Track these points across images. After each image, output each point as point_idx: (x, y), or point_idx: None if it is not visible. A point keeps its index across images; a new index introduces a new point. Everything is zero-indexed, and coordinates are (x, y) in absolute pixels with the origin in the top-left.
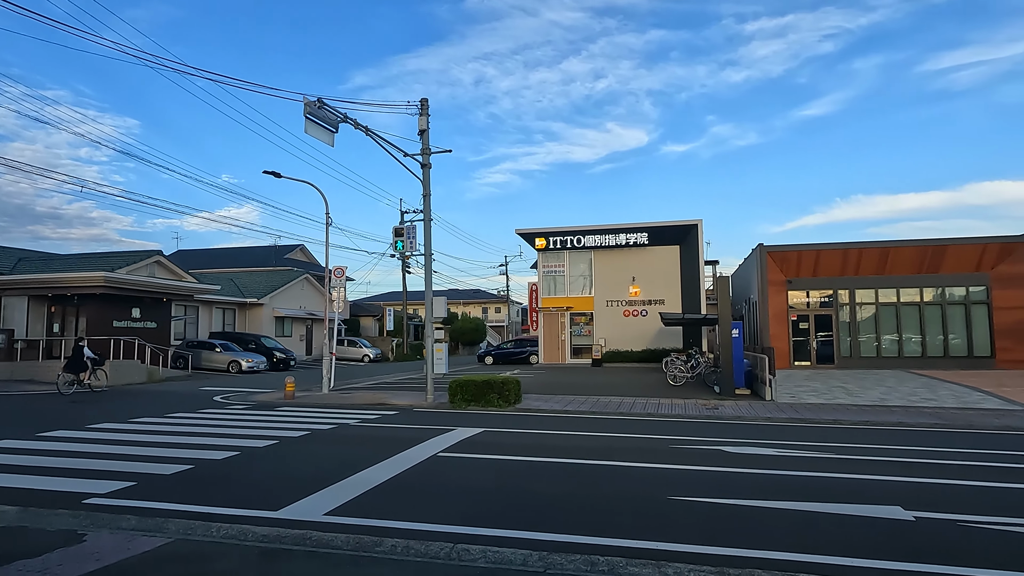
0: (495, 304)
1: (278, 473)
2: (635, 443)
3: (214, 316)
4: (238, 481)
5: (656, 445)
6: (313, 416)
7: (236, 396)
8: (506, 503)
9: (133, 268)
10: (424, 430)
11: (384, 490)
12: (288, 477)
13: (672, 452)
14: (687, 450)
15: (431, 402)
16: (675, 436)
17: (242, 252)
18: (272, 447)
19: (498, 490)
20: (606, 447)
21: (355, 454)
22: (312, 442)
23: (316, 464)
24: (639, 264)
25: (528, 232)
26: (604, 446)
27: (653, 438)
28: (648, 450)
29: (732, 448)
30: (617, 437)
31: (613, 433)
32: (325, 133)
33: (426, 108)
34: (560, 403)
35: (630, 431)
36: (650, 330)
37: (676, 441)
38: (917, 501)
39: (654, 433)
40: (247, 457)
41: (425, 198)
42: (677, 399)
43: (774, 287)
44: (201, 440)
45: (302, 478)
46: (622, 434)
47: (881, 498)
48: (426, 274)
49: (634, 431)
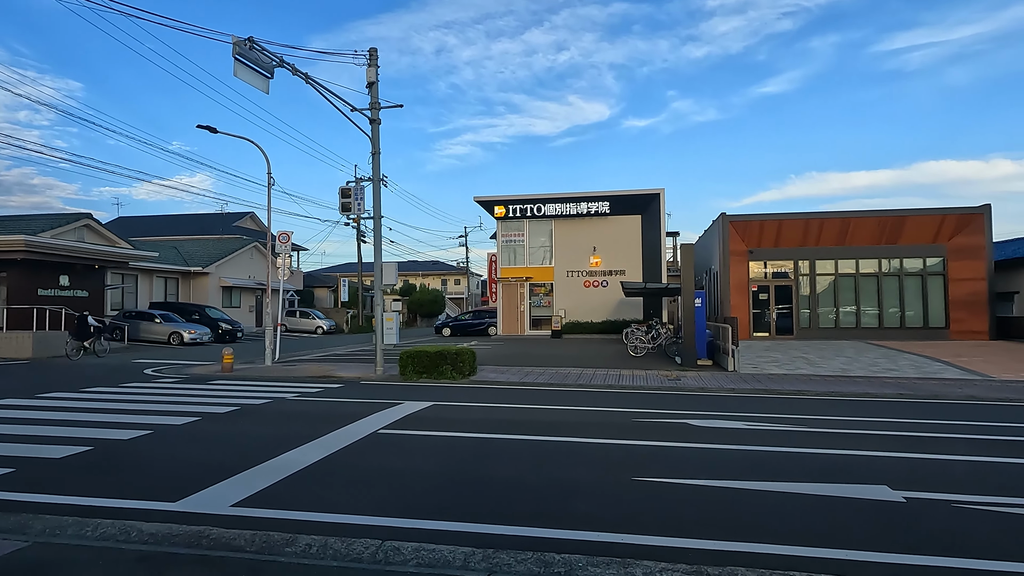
0: (455, 276)
1: (189, 456)
2: (595, 417)
3: (155, 286)
4: (139, 466)
5: (618, 419)
6: (248, 390)
7: (170, 369)
8: (450, 489)
9: (59, 232)
10: (368, 404)
11: (310, 475)
12: (199, 461)
13: (635, 427)
14: (651, 424)
15: (380, 374)
16: (637, 409)
17: (187, 220)
18: (192, 425)
19: (442, 473)
20: (564, 422)
21: (285, 432)
22: (239, 419)
23: (236, 444)
24: (600, 234)
25: (487, 200)
26: (562, 420)
27: (614, 411)
28: (610, 424)
29: (699, 421)
30: (576, 411)
31: (572, 406)
32: (258, 78)
33: (375, 59)
34: (517, 375)
35: (590, 404)
36: (611, 301)
37: (639, 415)
38: (903, 479)
39: (615, 406)
40: (159, 437)
41: (374, 156)
42: (638, 370)
43: (736, 257)
44: (113, 418)
45: (216, 462)
46: (581, 407)
47: (865, 476)
48: (375, 237)
49: (594, 404)
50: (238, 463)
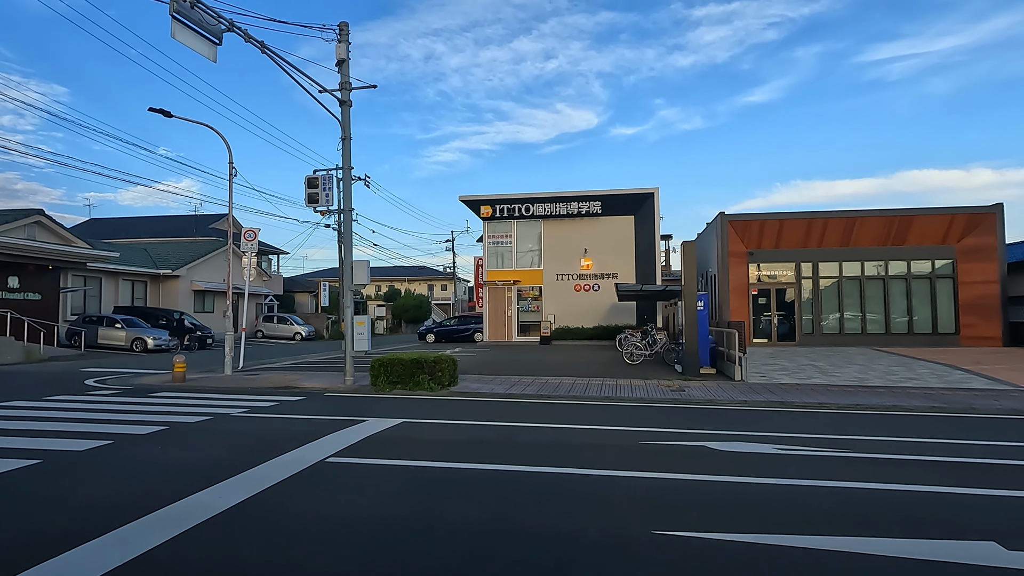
0: (441, 281)
1: (69, 497)
2: (594, 438)
3: (121, 289)
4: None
5: (621, 440)
6: (190, 404)
7: (116, 378)
8: (398, 552)
9: (5, 229)
10: (326, 422)
11: (216, 528)
12: (79, 505)
13: (644, 452)
14: (662, 448)
15: (349, 385)
16: (641, 427)
17: (161, 221)
18: (96, 451)
19: (391, 525)
20: (556, 444)
21: (209, 461)
22: (160, 442)
23: (139, 479)
24: (592, 235)
25: (473, 199)
26: (554, 442)
27: (615, 430)
28: (612, 448)
29: (718, 444)
30: (570, 430)
31: (565, 424)
32: (202, 43)
33: (346, 34)
34: (503, 385)
35: (586, 420)
36: (603, 305)
37: (645, 435)
38: (1010, 530)
39: (615, 423)
40: (43, 469)
41: (344, 141)
42: (636, 380)
43: (735, 259)
44: (4, 441)
45: (102, 506)
46: (576, 425)
47: (960, 526)
48: (344, 231)
49: (592, 420)
50: (129, 508)
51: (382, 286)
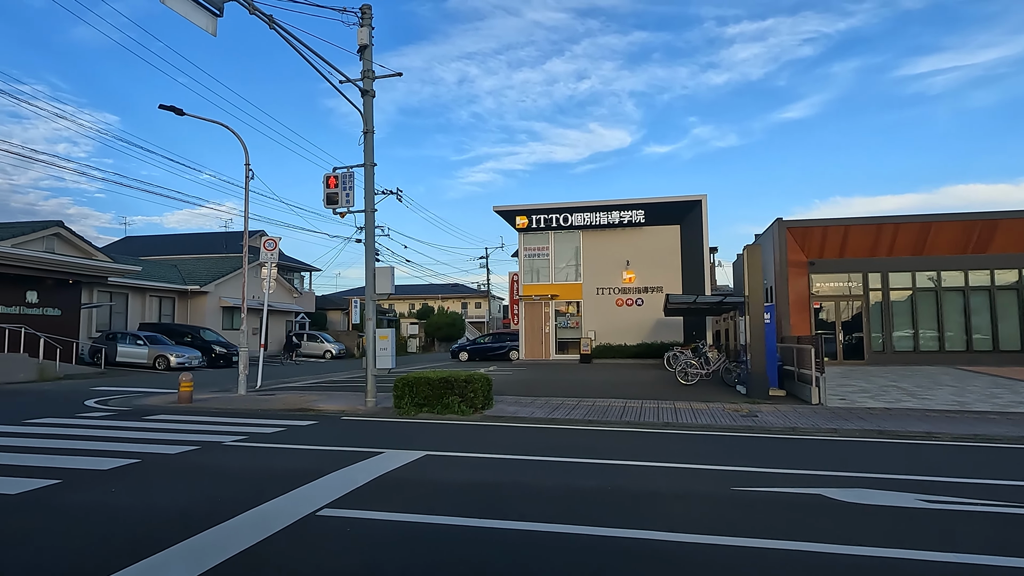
0: (475, 299)
1: None
2: (671, 481)
3: (149, 305)
4: None
5: (707, 484)
6: (184, 430)
7: (119, 399)
8: None
9: (22, 241)
10: (333, 454)
11: None
12: None
13: (743, 504)
14: (764, 497)
15: (370, 407)
16: (725, 465)
17: (192, 238)
18: (33, 494)
19: None
20: (625, 491)
21: (165, 512)
22: (120, 482)
23: (55, 541)
24: (634, 246)
25: (508, 209)
26: (615, 488)
27: (694, 470)
28: (700, 498)
29: (837, 492)
30: (637, 468)
31: (628, 460)
32: (200, 13)
33: (368, 17)
34: (544, 408)
35: (652, 455)
36: (647, 321)
37: (731, 476)
38: None
39: (689, 458)
40: None
41: (366, 136)
42: (696, 402)
43: (794, 269)
44: None
45: None
46: (642, 461)
47: None
48: (366, 233)
49: (658, 454)
50: None
51: (415, 303)
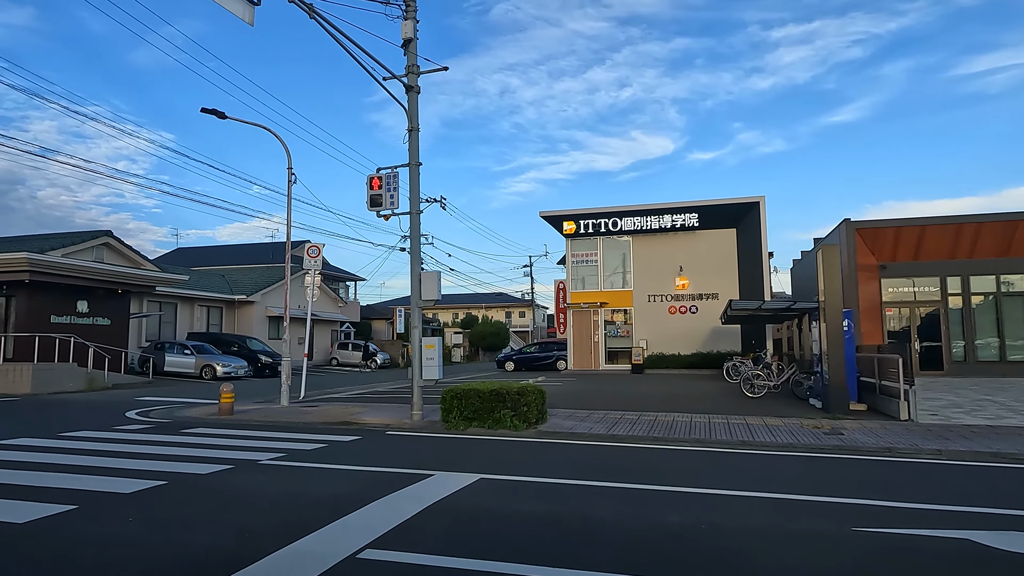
0: (519, 308)
1: None
2: (763, 514)
3: (197, 315)
4: None
5: (819, 523)
6: (220, 445)
7: (162, 410)
8: None
9: (72, 251)
10: (377, 477)
11: None
12: None
13: (873, 551)
14: (898, 542)
15: (416, 420)
16: (832, 496)
17: (241, 249)
18: (44, 522)
19: None
20: (722, 530)
21: (182, 550)
22: (142, 507)
23: None
24: (688, 251)
25: (554, 215)
26: (716, 526)
27: (790, 501)
28: (818, 542)
29: (988, 536)
30: (728, 499)
31: (713, 488)
32: (236, 1)
33: (413, 10)
34: (602, 423)
35: (733, 480)
36: (702, 329)
37: (847, 511)
38: None
39: (780, 486)
40: None
41: (411, 133)
42: (770, 418)
43: (864, 273)
44: None
45: None
46: (731, 490)
47: None
48: (411, 239)
49: (740, 480)
50: None
51: (459, 313)
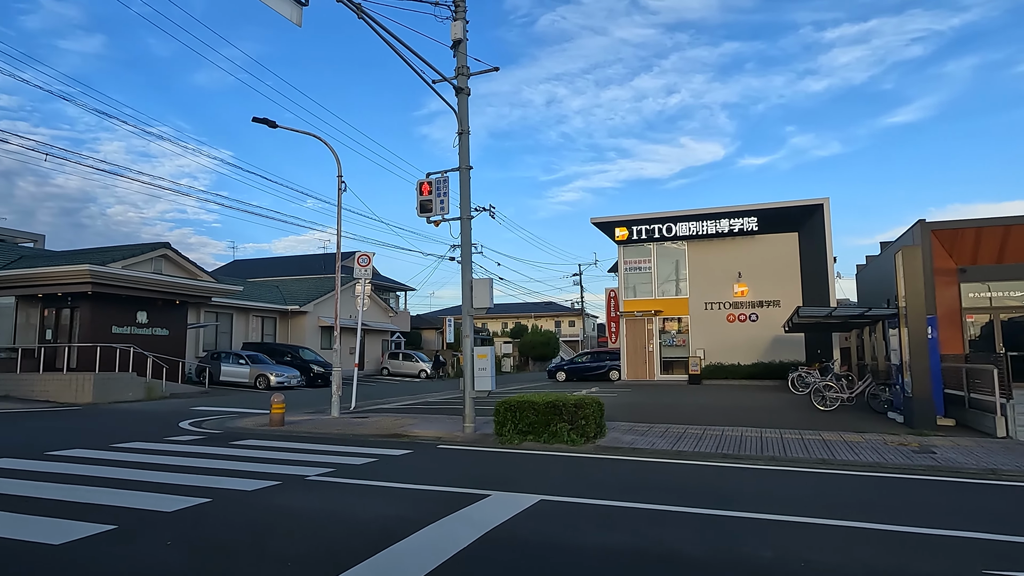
0: (569, 317)
1: None
2: (870, 549)
3: (251, 325)
4: None
5: (935, 565)
6: (269, 459)
7: (215, 420)
8: None
9: (131, 262)
10: (429, 496)
11: None
12: None
13: None
14: None
15: (468, 434)
16: (935, 527)
17: (294, 260)
18: (78, 544)
19: None
20: (816, 570)
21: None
22: (180, 530)
23: None
24: (746, 257)
25: (606, 221)
26: (806, 563)
27: (896, 533)
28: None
29: None
30: (813, 527)
31: (795, 515)
32: (284, 2)
33: (463, 10)
34: (665, 438)
35: (823, 507)
36: (762, 338)
37: (965, 547)
38: None
39: (878, 515)
40: None
41: (461, 136)
42: (848, 433)
43: (941, 278)
44: None
45: None
46: (817, 518)
47: None
48: (462, 245)
49: (831, 507)
50: None
51: (508, 322)
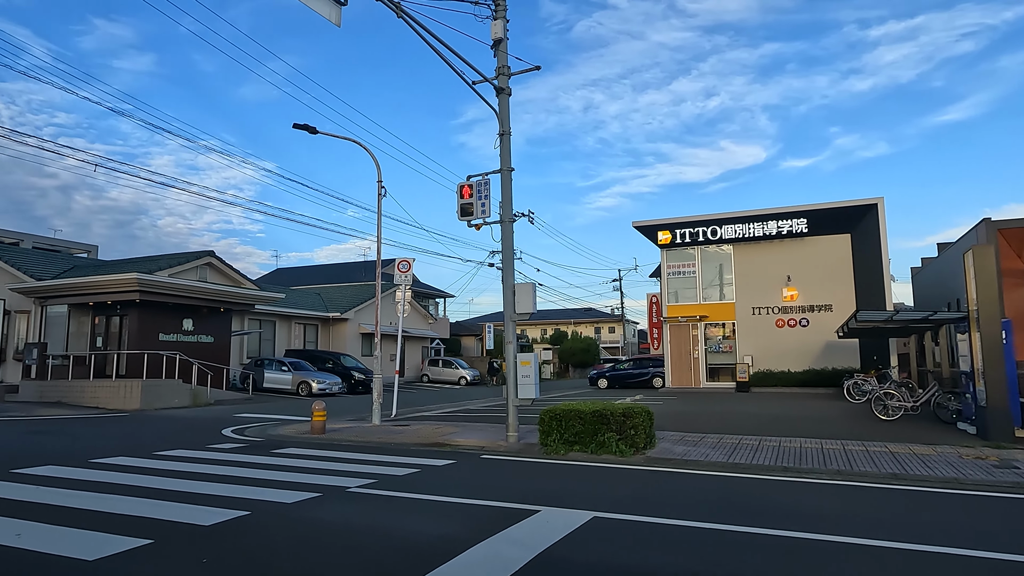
0: (608, 323)
1: None
2: None
3: (294, 332)
4: None
5: None
6: (309, 468)
7: (257, 427)
8: None
9: (177, 271)
10: (478, 511)
11: None
12: None
13: None
14: None
15: (512, 443)
16: None
17: (335, 268)
18: (112, 561)
19: None
20: None
21: None
22: (217, 546)
23: None
24: (796, 259)
25: (648, 224)
26: None
27: (1003, 563)
28: None
29: None
30: (907, 553)
31: (882, 539)
32: (322, 1)
33: (503, 8)
34: (718, 449)
35: (911, 530)
36: (813, 344)
37: None
38: None
39: (978, 542)
40: None
41: (502, 138)
42: (917, 445)
43: (1010, 280)
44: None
45: None
46: (907, 543)
47: None
48: (504, 249)
49: (921, 530)
50: None
51: (547, 329)
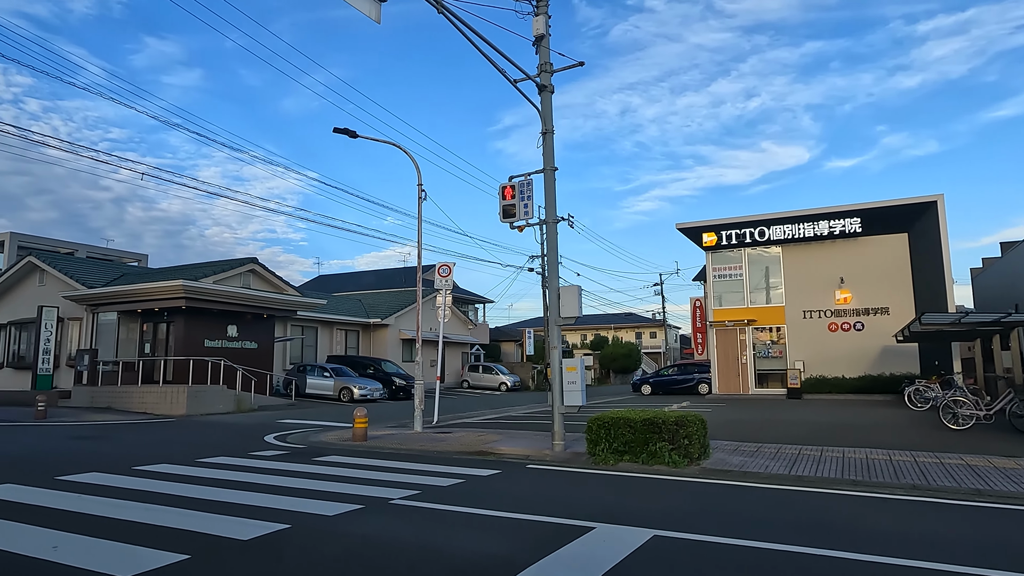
0: (650, 328)
1: None
2: None
3: (335, 338)
4: None
5: None
6: (351, 478)
7: (299, 434)
8: None
9: (221, 278)
10: (528, 527)
11: None
12: None
13: None
14: None
15: (558, 452)
16: None
17: (375, 274)
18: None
19: None
20: None
21: None
22: (260, 561)
23: None
24: (849, 261)
25: (692, 226)
26: None
27: None
28: None
29: None
30: None
31: (982, 566)
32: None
33: (545, 4)
34: (777, 460)
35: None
36: (869, 349)
37: None
38: None
39: None
40: None
41: (545, 136)
42: (996, 458)
43: None
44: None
45: None
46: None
47: None
48: (548, 251)
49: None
50: None
51: (587, 334)
